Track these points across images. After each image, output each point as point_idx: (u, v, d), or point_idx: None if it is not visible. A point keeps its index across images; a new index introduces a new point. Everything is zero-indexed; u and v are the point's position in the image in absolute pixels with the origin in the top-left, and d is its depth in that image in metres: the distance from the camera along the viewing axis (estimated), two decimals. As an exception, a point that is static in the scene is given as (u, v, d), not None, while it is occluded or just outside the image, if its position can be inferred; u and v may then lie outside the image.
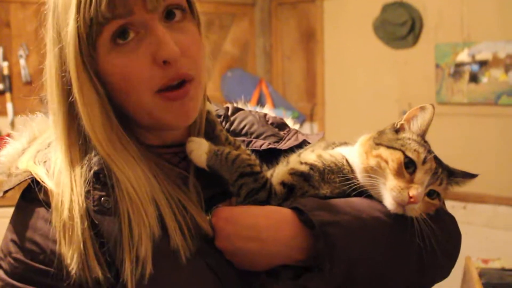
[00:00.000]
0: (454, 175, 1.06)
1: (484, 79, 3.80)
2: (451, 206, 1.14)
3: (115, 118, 0.99)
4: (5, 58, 4.07)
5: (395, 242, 1.00)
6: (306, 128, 4.64)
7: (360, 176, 1.05)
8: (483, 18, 3.82)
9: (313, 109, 4.71)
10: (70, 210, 0.93)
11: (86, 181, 0.96)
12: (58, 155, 1.00)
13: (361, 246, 0.97)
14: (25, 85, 4.13)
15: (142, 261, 0.91)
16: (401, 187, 0.99)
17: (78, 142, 0.99)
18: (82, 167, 0.97)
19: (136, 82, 0.96)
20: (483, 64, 3.80)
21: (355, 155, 1.07)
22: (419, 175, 1.00)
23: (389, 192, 1.00)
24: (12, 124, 4.04)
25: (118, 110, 1.00)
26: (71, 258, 0.91)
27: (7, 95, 4.07)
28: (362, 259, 0.97)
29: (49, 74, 1.00)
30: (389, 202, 1.01)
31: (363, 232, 0.98)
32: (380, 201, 1.03)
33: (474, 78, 3.84)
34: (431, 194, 1.02)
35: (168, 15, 0.98)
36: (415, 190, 0.98)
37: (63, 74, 0.97)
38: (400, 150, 1.02)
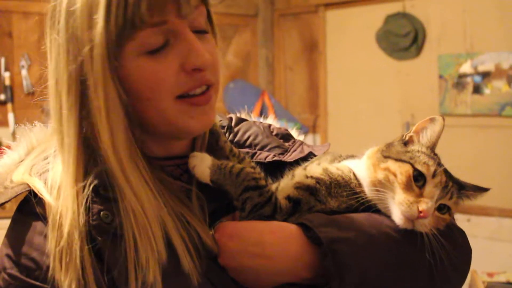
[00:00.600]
0: (465, 189, 1.03)
1: (487, 90, 3.79)
2: (455, 218, 1.12)
3: (132, 131, 0.95)
4: (7, 68, 4.07)
5: (404, 259, 0.98)
6: (309, 140, 4.62)
7: (368, 190, 1.02)
8: (486, 29, 3.81)
9: (316, 120, 4.70)
10: (69, 234, 0.89)
11: (86, 196, 0.92)
12: (59, 169, 0.96)
13: (370, 263, 0.94)
14: (27, 96, 4.12)
15: (151, 287, 0.88)
16: (410, 201, 0.96)
17: (84, 153, 0.95)
18: (85, 182, 0.93)
19: (162, 88, 0.94)
20: (486, 75, 3.78)
21: (362, 168, 1.04)
22: (428, 188, 0.97)
23: (398, 207, 0.97)
24: (13, 135, 4.03)
25: (133, 120, 0.97)
26: (68, 285, 0.87)
27: (9, 105, 4.07)
28: (371, 276, 0.94)
29: (58, 79, 0.95)
30: (397, 217, 0.98)
31: (372, 248, 0.95)
32: (388, 216, 1.01)
33: (477, 89, 3.82)
34: (441, 208, 0.99)
35: (194, 26, 0.97)
36: (425, 205, 0.95)
37: (82, 78, 0.92)
38: (409, 163, 0.99)
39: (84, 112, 0.94)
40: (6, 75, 4.05)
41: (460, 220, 1.11)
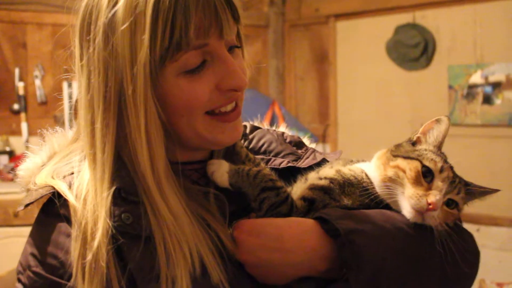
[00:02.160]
0: (470, 185, 1.07)
1: (498, 101, 3.79)
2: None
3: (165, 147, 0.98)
4: (21, 79, 4.13)
5: (418, 252, 1.00)
6: (319, 149, 4.62)
7: (379, 188, 1.06)
8: (496, 39, 3.82)
9: (326, 130, 4.71)
10: (98, 248, 0.90)
11: (110, 199, 0.94)
12: (85, 176, 0.98)
13: (386, 255, 0.96)
14: (40, 105, 4.18)
15: None
16: (419, 195, 1.00)
17: (114, 166, 0.97)
18: (109, 193, 0.95)
19: (195, 105, 0.97)
20: (496, 85, 3.79)
21: (372, 168, 1.08)
22: (437, 183, 1.02)
23: (408, 200, 1.01)
24: (27, 144, 4.08)
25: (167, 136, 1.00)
26: None
27: (22, 115, 4.12)
28: (387, 268, 0.96)
29: (93, 93, 0.96)
30: (407, 210, 1.02)
31: (387, 241, 0.98)
32: (399, 212, 1.04)
33: (487, 100, 3.82)
34: (449, 204, 1.02)
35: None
36: (434, 197, 0.99)
37: (120, 94, 0.94)
38: (417, 159, 1.04)
39: (120, 129, 0.96)
40: (20, 85, 4.11)
41: (470, 229, 1.13)
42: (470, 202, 1.08)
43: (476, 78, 3.86)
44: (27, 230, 1.03)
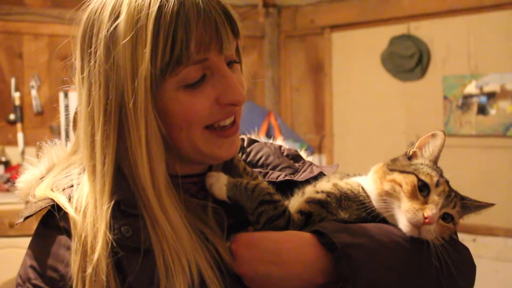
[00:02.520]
0: (465, 199, 1.07)
1: (492, 111, 3.81)
2: (460, 239, 1.14)
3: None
4: (17, 89, 4.13)
5: (414, 266, 1.00)
6: (315, 160, 4.60)
7: (375, 202, 1.06)
8: (490, 50, 3.85)
9: (322, 141, 4.72)
10: (98, 262, 0.91)
11: (109, 213, 0.94)
12: (84, 188, 0.98)
13: (382, 269, 0.97)
14: (36, 116, 4.17)
15: None
16: (416, 208, 1.01)
17: (113, 179, 0.97)
18: (109, 206, 0.95)
19: (194, 119, 0.98)
20: (491, 96, 3.81)
21: (369, 182, 1.09)
22: (433, 197, 1.02)
23: (404, 214, 1.02)
24: (23, 154, 4.07)
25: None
26: None
27: (18, 125, 4.11)
28: (383, 282, 0.96)
29: (93, 105, 0.97)
30: (404, 224, 1.02)
31: (383, 254, 0.98)
32: (396, 226, 1.04)
33: (482, 110, 3.84)
34: (445, 218, 1.03)
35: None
36: (430, 211, 1.00)
37: (120, 107, 0.94)
38: (413, 173, 1.05)
39: (121, 142, 0.96)
40: (16, 95, 4.10)
41: (466, 240, 1.14)
42: (466, 215, 1.08)
43: (471, 88, 3.89)
44: (23, 241, 1.03)
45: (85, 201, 0.96)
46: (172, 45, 0.92)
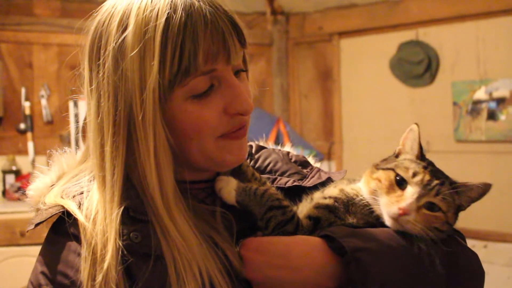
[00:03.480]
0: (456, 184, 1.07)
1: (502, 117, 3.79)
2: (471, 245, 1.13)
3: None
4: (27, 98, 4.16)
5: (423, 271, 1.00)
6: (324, 167, 4.63)
7: (369, 201, 1.08)
8: (499, 55, 3.83)
9: (331, 147, 4.72)
10: (108, 269, 0.91)
11: (119, 220, 0.95)
12: (94, 196, 0.99)
13: (391, 273, 0.97)
14: (46, 125, 4.20)
15: None
16: (391, 202, 1.03)
17: (123, 188, 0.98)
18: (118, 206, 0.96)
19: (204, 129, 0.99)
20: (500, 101, 3.80)
21: (362, 184, 1.12)
22: (409, 189, 1.04)
23: (383, 208, 1.05)
24: (33, 163, 4.09)
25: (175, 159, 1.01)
26: None
27: (29, 134, 4.14)
28: (392, 285, 0.97)
29: (102, 116, 0.98)
30: (386, 219, 1.04)
31: (392, 258, 0.98)
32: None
33: (492, 116, 3.83)
34: (431, 207, 1.03)
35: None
36: (404, 202, 1.02)
37: (129, 118, 0.96)
38: (392, 169, 1.08)
39: (129, 152, 0.97)
40: (27, 104, 4.13)
41: (477, 246, 1.13)
42: (466, 201, 1.07)
43: (480, 94, 3.87)
44: (34, 249, 1.04)
45: (95, 209, 0.97)
46: (180, 56, 0.93)
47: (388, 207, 1.03)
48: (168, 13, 0.93)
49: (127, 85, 0.95)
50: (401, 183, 1.05)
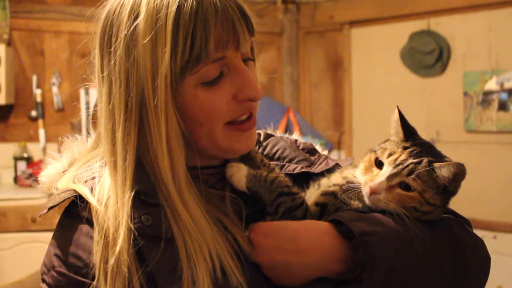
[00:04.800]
0: (434, 162, 1.06)
1: (513, 107, 3.78)
2: (480, 236, 1.14)
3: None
4: (38, 86, 4.18)
5: (430, 255, 1.02)
6: (334, 156, 4.63)
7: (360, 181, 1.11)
8: (511, 46, 3.80)
9: (341, 137, 4.72)
10: (120, 253, 0.93)
11: (130, 204, 0.97)
12: (106, 182, 1.01)
13: (399, 256, 0.98)
14: (57, 112, 4.23)
15: None
16: (366, 181, 1.07)
17: (134, 173, 0.99)
18: (130, 190, 0.98)
19: (214, 115, 1.01)
20: (511, 92, 3.78)
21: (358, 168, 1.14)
22: (383, 169, 1.07)
23: (362, 188, 1.08)
24: (44, 150, 4.12)
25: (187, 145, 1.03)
26: None
27: (40, 121, 4.17)
28: (400, 269, 0.98)
29: (114, 102, 1.00)
30: (365, 198, 1.07)
31: (400, 242, 0.99)
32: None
33: (503, 106, 3.81)
34: (407, 187, 1.04)
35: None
36: (373, 182, 1.05)
37: (141, 104, 0.97)
38: (374, 151, 1.12)
39: (141, 137, 0.99)
40: (38, 92, 4.16)
41: (486, 237, 1.14)
42: (446, 181, 1.04)
43: (492, 84, 3.85)
44: (45, 235, 1.06)
45: (107, 194, 0.99)
46: (192, 43, 0.94)
47: (364, 186, 1.06)
48: (179, 1, 0.95)
49: (139, 71, 0.96)
50: (380, 164, 1.08)
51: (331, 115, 4.83)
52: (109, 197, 0.98)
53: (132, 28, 0.97)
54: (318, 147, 1.33)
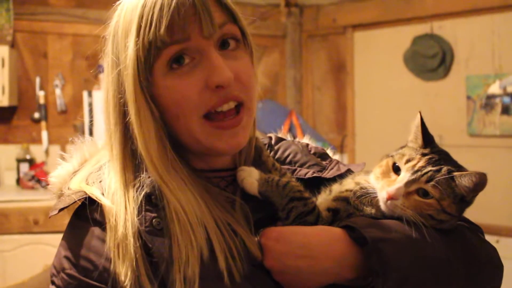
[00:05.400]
0: (453, 170, 1.05)
1: (516, 111, 3.77)
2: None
3: (168, 142, 1.02)
4: (41, 88, 4.19)
5: (444, 263, 1.01)
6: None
7: (374, 186, 1.09)
8: (514, 50, 3.81)
9: (343, 140, 4.72)
10: (124, 228, 0.95)
11: (139, 203, 0.98)
12: (112, 176, 1.03)
13: (412, 264, 0.97)
14: (60, 114, 4.23)
15: (189, 281, 0.93)
16: (383, 186, 1.05)
17: (132, 163, 1.02)
18: (135, 189, 1.00)
19: (185, 105, 1.00)
20: (515, 96, 3.78)
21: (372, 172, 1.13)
22: (401, 174, 1.05)
23: (378, 193, 1.06)
24: (47, 152, 4.13)
25: (172, 136, 1.04)
26: (125, 275, 0.93)
27: (43, 123, 4.17)
28: (413, 276, 0.97)
29: (106, 97, 1.05)
30: (380, 203, 1.05)
31: (413, 249, 0.98)
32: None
33: (506, 110, 3.81)
34: (425, 194, 1.03)
35: (223, 44, 1.03)
36: (391, 187, 1.03)
37: (120, 96, 1.01)
38: (391, 156, 1.10)
39: (128, 125, 1.02)
40: (41, 94, 4.17)
41: (489, 241, 1.12)
42: (465, 191, 1.04)
43: (495, 88, 3.85)
44: (47, 237, 1.06)
45: (113, 187, 1.01)
46: (149, 31, 0.96)
47: (380, 191, 1.05)
48: None
49: (118, 62, 1.01)
50: (397, 169, 1.06)
51: (333, 119, 4.83)
52: (115, 190, 1.00)
53: (116, 24, 1.02)
54: (329, 151, 1.32)
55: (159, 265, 0.95)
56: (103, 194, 1.01)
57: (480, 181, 1.02)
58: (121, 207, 0.98)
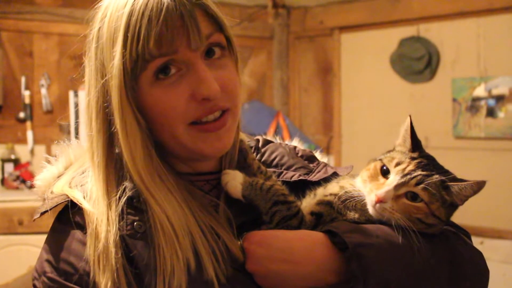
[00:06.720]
0: (446, 178, 1.06)
1: (501, 114, 3.80)
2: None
3: (153, 149, 1.02)
4: (27, 87, 4.15)
5: (426, 268, 1.01)
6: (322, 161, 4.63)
7: (360, 189, 1.09)
8: (500, 52, 3.84)
9: (330, 142, 4.73)
10: (106, 240, 0.95)
11: (120, 208, 0.98)
12: (94, 182, 1.02)
13: (393, 269, 0.97)
14: (46, 114, 4.20)
15: None
16: (371, 189, 1.05)
17: (115, 170, 1.02)
18: (117, 194, 0.99)
19: (172, 115, 0.99)
20: (500, 98, 3.80)
21: (359, 176, 1.12)
22: (390, 177, 1.05)
23: (366, 196, 1.06)
24: (32, 152, 4.10)
25: (157, 142, 1.03)
26: (105, 285, 0.92)
27: (28, 123, 4.14)
28: (393, 282, 0.97)
29: (88, 101, 1.03)
30: (368, 207, 1.05)
31: (394, 255, 0.99)
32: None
33: (491, 113, 3.83)
34: (414, 197, 1.03)
35: (208, 52, 1.02)
36: (380, 190, 1.03)
37: (105, 104, 1.00)
38: (380, 160, 1.09)
39: (112, 134, 1.01)
40: (26, 93, 4.13)
41: (474, 242, 1.13)
42: (460, 200, 1.06)
43: (480, 91, 3.88)
44: (32, 238, 1.06)
45: (95, 194, 1.00)
46: (137, 43, 0.96)
47: (369, 194, 1.05)
48: (132, 3, 0.97)
49: (103, 72, 1.00)
50: (386, 173, 1.06)
51: (320, 120, 4.84)
52: (99, 200, 0.99)
53: (99, 30, 1.01)
54: (317, 154, 1.32)
55: (142, 277, 0.94)
56: (84, 198, 1.01)
57: (479, 189, 1.05)
58: (103, 217, 0.97)
